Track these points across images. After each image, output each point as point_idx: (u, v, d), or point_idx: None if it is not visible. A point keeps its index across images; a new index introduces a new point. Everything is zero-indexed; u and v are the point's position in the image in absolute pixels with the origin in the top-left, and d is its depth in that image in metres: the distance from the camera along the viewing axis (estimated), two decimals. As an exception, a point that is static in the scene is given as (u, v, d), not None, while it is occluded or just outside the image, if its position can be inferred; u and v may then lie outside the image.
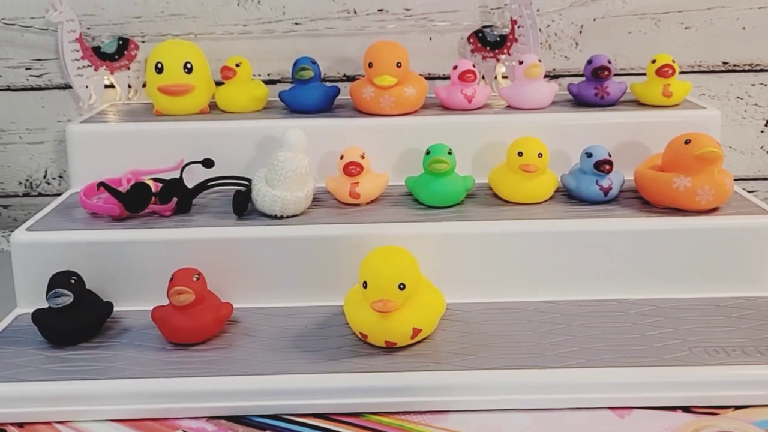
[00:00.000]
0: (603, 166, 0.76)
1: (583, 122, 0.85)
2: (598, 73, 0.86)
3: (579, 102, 0.90)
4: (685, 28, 0.97)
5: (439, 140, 0.81)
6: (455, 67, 0.88)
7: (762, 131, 1.02)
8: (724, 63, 0.99)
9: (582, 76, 0.92)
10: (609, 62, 0.87)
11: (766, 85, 1.00)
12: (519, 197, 0.78)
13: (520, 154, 0.76)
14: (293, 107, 0.89)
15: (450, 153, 0.77)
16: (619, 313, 0.70)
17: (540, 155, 0.76)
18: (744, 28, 0.98)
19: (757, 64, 0.99)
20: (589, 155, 0.77)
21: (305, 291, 0.74)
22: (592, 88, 0.87)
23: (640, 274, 0.73)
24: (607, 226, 0.72)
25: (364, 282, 0.63)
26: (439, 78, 0.99)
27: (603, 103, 0.88)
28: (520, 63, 0.87)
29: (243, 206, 0.76)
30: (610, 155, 0.77)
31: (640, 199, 0.78)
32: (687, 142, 0.73)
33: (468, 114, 0.87)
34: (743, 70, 1.00)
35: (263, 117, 0.89)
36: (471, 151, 0.86)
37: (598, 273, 0.73)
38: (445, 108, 0.90)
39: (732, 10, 0.97)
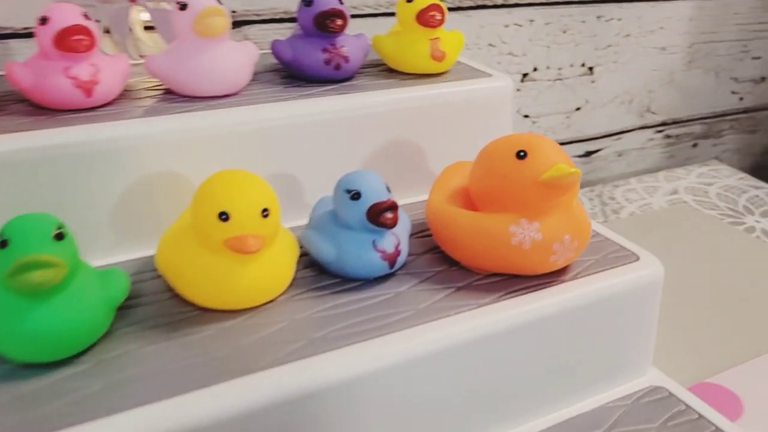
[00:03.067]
0: (383, 216, 0.39)
1: (315, 116, 0.47)
2: (326, 23, 0.48)
3: (296, 75, 0.51)
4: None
5: (25, 191, 0.37)
6: (45, 21, 0.42)
7: (518, 89, 0.75)
8: (473, -5, 0.69)
9: (286, 23, 0.52)
10: (340, 0, 0.49)
11: (521, 26, 0.72)
12: (229, 300, 0.38)
13: (224, 216, 0.35)
14: None
15: (61, 235, 0.33)
16: None
17: (265, 213, 0.36)
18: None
19: (511, -3, 0.71)
20: (355, 195, 0.39)
21: None
22: (318, 50, 0.49)
23: (477, 408, 0.40)
24: (414, 347, 0.37)
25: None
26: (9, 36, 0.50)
27: (338, 75, 0.50)
28: (182, 6, 0.45)
29: None
30: (389, 189, 0.40)
31: (439, 255, 0.44)
32: (521, 155, 0.40)
33: (87, 120, 0.42)
34: (494, 6, 0.70)
35: None
36: (105, 201, 0.42)
37: None
38: (37, 108, 0.43)
39: None
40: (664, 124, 0.88)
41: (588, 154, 0.84)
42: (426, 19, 0.50)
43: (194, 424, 0.32)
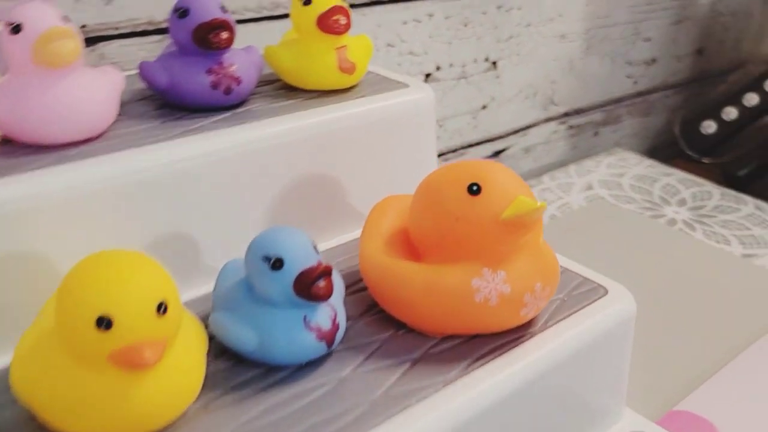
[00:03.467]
0: (316, 287, 0.30)
1: (209, 159, 0.37)
2: (208, 38, 0.38)
3: (175, 104, 0.41)
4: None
5: None
6: None
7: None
8: (367, -9, 0.61)
9: (154, 35, 0.42)
10: (223, 8, 0.39)
11: (420, 21, 0.65)
12: (123, 429, 0.28)
13: (104, 324, 0.25)
14: None
15: None
16: None
17: (162, 309, 0.27)
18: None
19: (408, -10, 0.63)
20: (277, 263, 0.30)
21: None
22: (202, 72, 0.39)
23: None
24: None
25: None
26: None
27: (229, 101, 0.40)
28: (15, 29, 0.34)
29: None
30: (317, 249, 0.32)
31: (380, 316, 0.36)
32: (474, 190, 0.32)
33: None
34: (390, 0, 0.63)
35: None
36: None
37: None
38: None
39: None
40: (566, 114, 0.85)
41: (496, 153, 0.79)
42: (329, 24, 0.42)
43: None
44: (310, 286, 0.30)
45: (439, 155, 0.73)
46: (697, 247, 0.67)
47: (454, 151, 0.74)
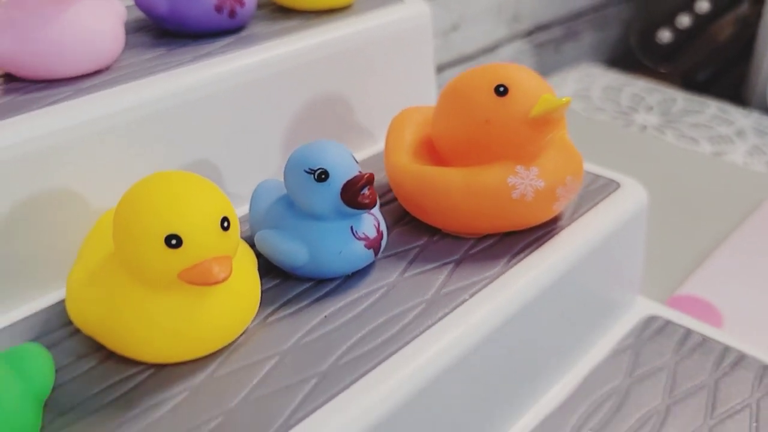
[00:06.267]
0: (362, 196, 0.31)
1: (223, 85, 0.36)
2: (211, -40, 0.37)
3: (176, 32, 0.39)
4: None
5: None
6: None
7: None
8: None
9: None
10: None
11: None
12: (190, 348, 0.28)
13: (175, 242, 0.25)
14: None
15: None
16: None
17: (225, 225, 0.27)
18: None
19: None
20: (322, 175, 0.31)
21: None
22: (205, -5, 0.38)
23: (502, 398, 0.34)
24: (441, 360, 0.29)
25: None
26: None
27: (234, 24, 0.39)
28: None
29: None
30: (356, 160, 0.32)
31: (414, 224, 0.36)
32: (501, 91, 0.33)
33: None
34: None
35: None
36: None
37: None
38: None
39: None
40: (530, 32, 0.85)
41: (467, 75, 0.79)
42: (325, -60, 0.41)
43: None
44: (356, 194, 0.30)
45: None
46: (670, 149, 0.69)
47: (428, 74, 0.74)
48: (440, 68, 0.75)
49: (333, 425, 0.26)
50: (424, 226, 0.36)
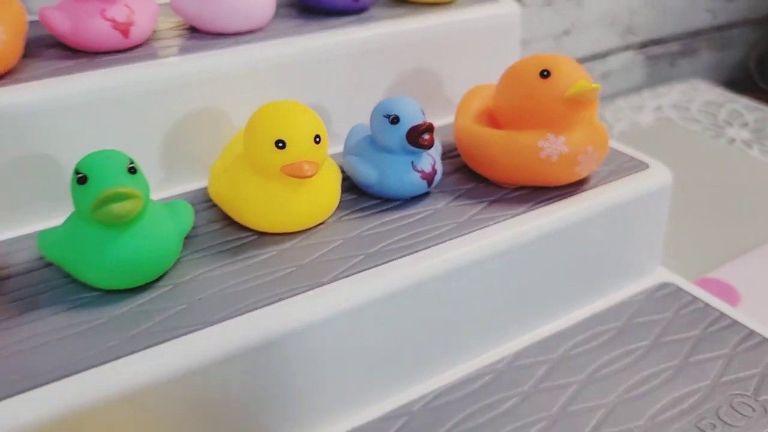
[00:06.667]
0: (422, 138, 0.42)
1: (339, 48, 0.48)
2: (345, -45, 0.49)
3: (314, 7, 0.52)
4: None
5: (84, 131, 0.39)
6: (75, -36, 0.42)
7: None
8: None
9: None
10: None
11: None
12: (286, 223, 0.40)
13: (281, 144, 0.38)
14: None
15: (133, 170, 0.35)
16: (513, 397, 0.40)
17: (317, 140, 0.39)
18: None
19: None
20: (394, 119, 0.42)
21: None
22: (338, -17, 0.50)
23: (509, 311, 0.44)
24: (458, 259, 0.40)
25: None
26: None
27: (356, 6, 0.52)
28: (206, -55, 0.46)
29: None
30: (423, 112, 0.43)
31: (468, 173, 0.47)
32: (545, 74, 0.43)
33: (127, 60, 0.43)
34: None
35: None
36: (154, 139, 0.44)
37: (456, 333, 0.42)
38: (74, 51, 0.44)
39: None
40: (644, 45, 0.91)
41: (575, 76, 0.87)
42: (437, -53, 0.52)
43: (270, 336, 0.35)
44: (418, 137, 0.41)
45: (522, 75, 0.82)
46: (749, 160, 0.74)
47: (535, 71, 0.83)
48: (549, 67, 0.84)
49: (366, 285, 0.37)
50: (475, 175, 0.46)
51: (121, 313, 0.34)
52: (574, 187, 0.45)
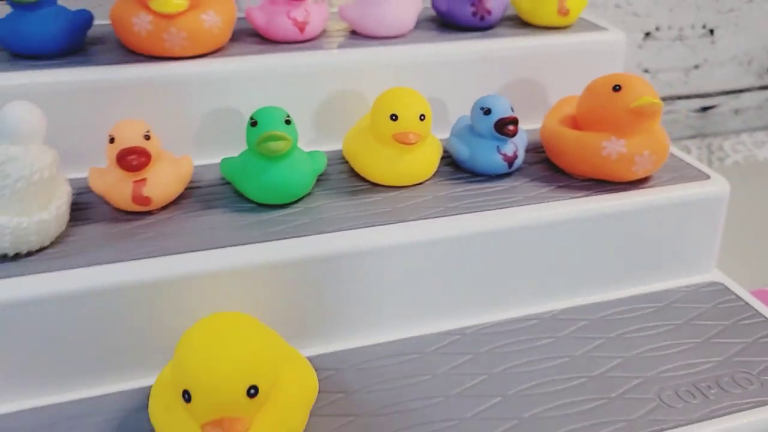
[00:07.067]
0: (507, 128, 0.53)
1: (463, 56, 0.61)
2: (475, -15, 0.62)
3: (449, 23, 0.65)
4: None
5: (263, 93, 0.55)
6: (275, -23, 0.59)
7: (640, 46, 0.85)
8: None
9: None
10: (487, -33, 0.63)
11: (646, -11, 0.83)
12: (393, 178, 0.53)
13: (394, 117, 0.51)
14: (14, 48, 0.55)
15: (288, 122, 0.50)
16: (547, 338, 0.51)
17: (422, 117, 0.52)
18: None
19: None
20: (487, 111, 0.54)
21: (75, 377, 0.45)
22: (468, 4, 0.63)
23: (563, 275, 0.54)
24: (521, 219, 0.51)
25: (185, 392, 0.36)
26: (247, -9, 0.68)
27: (482, 24, 0.64)
28: (371, -31, 0.61)
29: (-60, 244, 0.44)
30: (512, 109, 0.54)
31: (547, 164, 0.57)
32: (616, 89, 0.53)
33: (300, 49, 0.59)
34: (623, -29, 0.81)
35: (-37, 69, 0.54)
36: (311, 107, 0.59)
37: (510, 281, 0.52)
38: (265, 40, 0.61)
39: None
40: (783, 86, 0.95)
41: (704, 109, 0.93)
42: (555, -19, 0.63)
43: (370, 246, 0.48)
44: (503, 126, 0.53)
45: (649, 101, 0.89)
46: None
47: (663, 99, 0.89)
48: (678, 97, 0.90)
49: (439, 226, 0.49)
50: (553, 166, 0.57)
51: (267, 218, 0.50)
52: (634, 184, 0.54)
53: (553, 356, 0.49)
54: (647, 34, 0.84)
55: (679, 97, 0.90)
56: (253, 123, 0.49)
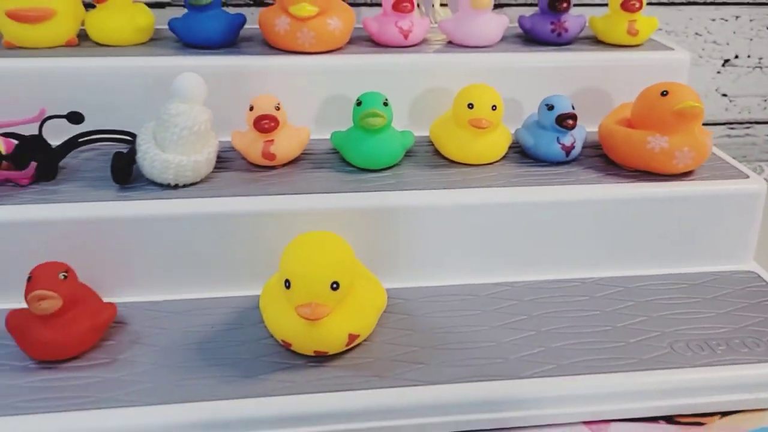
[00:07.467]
0: (566, 122, 0.64)
1: (538, 64, 0.72)
2: (555, 5, 0.73)
3: (532, 38, 0.77)
4: (647, -48, 0.85)
5: (371, 84, 0.67)
6: (385, -5, 0.73)
7: (719, 72, 0.93)
8: (685, -6, 0.88)
9: (534, 6, 0.78)
10: (569, -10, 0.74)
11: (726, 20, 0.90)
12: (467, 157, 0.65)
13: (471, 106, 0.63)
14: (187, 40, 0.72)
15: (386, 104, 0.63)
16: (584, 297, 0.60)
17: (494, 108, 0.63)
18: (709, -45, 0.86)
19: (720, -3, 0.89)
20: (550, 107, 0.65)
21: (209, 280, 0.59)
22: (548, 22, 0.74)
23: (607, 249, 0.63)
24: (571, 195, 0.61)
25: (287, 281, 0.49)
26: (366, 5, 0.83)
27: (560, 40, 0.75)
28: (465, -10, 0.73)
29: (126, 173, 0.60)
30: (573, 107, 0.65)
31: (603, 158, 0.67)
32: (664, 94, 0.62)
33: (404, 52, 0.72)
34: (704, 3, 0.89)
35: (149, 53, 0.71)
36: (408, 98, 0.72)
37: (559, 249, 0.62)
38: (376, 44, 0.75)
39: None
40: None
41: (783, 135, 0.98)
42: (627, 5, 0.73)
43: (441, 204, 0.60)
44: (562, 120, 0.64)
45: (727, 124, 0.96)
46: None
47: (740, 123, 0.96)
48: (752, 123, 0.96)
49: (497, 193, 0.60)
50: (608, 159, 0.67)
51: (362, 178, 0.63)
52: (676, 178, 0.63)
53: (586, 309, 0.59)
54: (726, 61, 0.92)
55: (758, 122, 0.96)
56: (359, 103, 0.63)
